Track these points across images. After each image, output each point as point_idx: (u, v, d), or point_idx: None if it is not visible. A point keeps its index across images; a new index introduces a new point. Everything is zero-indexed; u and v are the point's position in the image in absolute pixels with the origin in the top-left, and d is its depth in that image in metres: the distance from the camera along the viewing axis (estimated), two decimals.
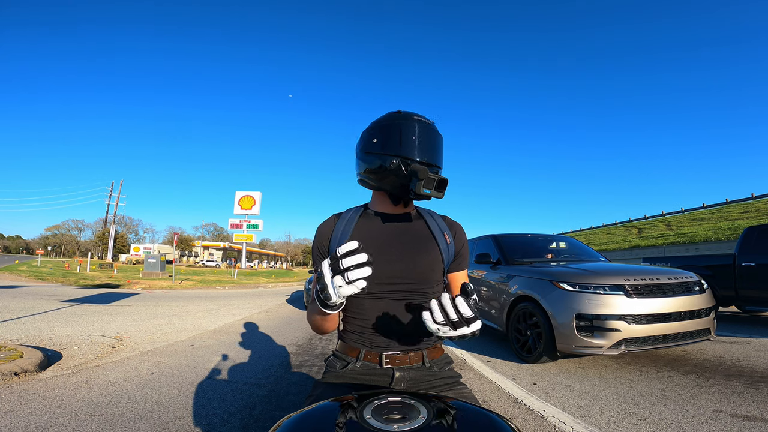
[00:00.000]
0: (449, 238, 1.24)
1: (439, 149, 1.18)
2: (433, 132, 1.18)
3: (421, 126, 1.17)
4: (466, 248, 1.28)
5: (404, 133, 1.15)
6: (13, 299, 9.41)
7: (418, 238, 1.20)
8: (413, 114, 1.19)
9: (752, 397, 2.87)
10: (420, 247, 1.18)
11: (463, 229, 1.29)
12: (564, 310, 3.74)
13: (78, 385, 3.23)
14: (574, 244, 5.96)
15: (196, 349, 4.78)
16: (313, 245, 1.26)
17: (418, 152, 1.14)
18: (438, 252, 1.20)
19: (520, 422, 2.57)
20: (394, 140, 1.14)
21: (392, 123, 1.17)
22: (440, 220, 1.28)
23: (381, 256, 1.15)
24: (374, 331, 1.14)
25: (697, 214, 30.05)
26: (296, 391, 3.22)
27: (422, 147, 1.15)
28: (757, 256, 6.17)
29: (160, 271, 22.20)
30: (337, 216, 1.27)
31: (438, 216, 1.30)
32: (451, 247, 1.23)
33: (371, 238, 1.17)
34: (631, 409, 2.74)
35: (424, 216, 1.27)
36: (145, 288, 15.93)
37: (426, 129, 1.17)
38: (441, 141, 1.19)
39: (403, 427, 0.69)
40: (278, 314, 8.75)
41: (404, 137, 1.14)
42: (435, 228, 1.24)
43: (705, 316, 3.87)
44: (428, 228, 1.24)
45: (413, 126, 1.16)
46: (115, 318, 7.19)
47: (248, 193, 37.25)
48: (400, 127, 1.15)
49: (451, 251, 1.23)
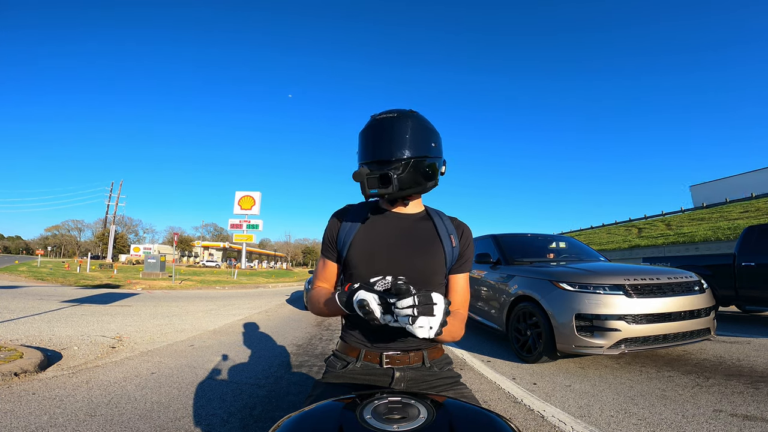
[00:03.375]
0: (455, 240, 1.22)
1: (397, 138, 1.10)
2: (387, 125, 1.12)
3: (375, 125, 1.14)
4: (470, 251, 1.26)
5: (362, 139, 1.16)
6: (13, 299, 9.40)
7: (423, 239, 1.20)
8: (378, 114, 1.16)
9: (752, 397, 2.86)
10: (424, 249, 1.18)
11: (470, 231, 1.28)
12: (564, 309, 3.74)
13: (78, 385, 3.22)
14: (573, 243, 5.96)
15: (195, 350, 4.78)
16: (325, 231, 1.27)
17: (366, 155, 1.14)
18: (442, 254, 1.19)
19: (520, 422, 2.56)
20: (359, 150, 1.17)
21: (360, 133, 1.18)
22: (448, 222, 1.26)
23: (384, 256, 1.15)
24: (374, 331, 1.14)
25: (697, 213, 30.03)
26: (296, 391, 3.21)
27: (372, 146, 1.13)
28: (756, 255, 6.17)
29: (160, 271, 22.18)
30: (350, 207, 1.29)
31: (447, 217, 1.29)
32: (455, 250, 1.21)
33: (377, 236, 1.19)
34: (631, 408, 2.74)
35: (433, 217, 1.26)
36: (145, 288, 15.92)
37: (379, 125, 1.13)
38: (403, 128, 1.11)
39: (403, 427, 0.69)
40: (278, 314, 8.75)
41: (362, 144, 1.16)
42: (442, 229, 1.23)
43: (705, 315, 3.87)
44: (435, 229, 1.23)
45: (369, 129, 1.15)
46: (114, 318, 7.18)
47: (248, 193, 37.22)
48: (362, 135, 1.17)
49: (455, 254, 1.21)
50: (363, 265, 1.16)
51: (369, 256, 1.16)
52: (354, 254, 1.18)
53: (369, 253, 1.16)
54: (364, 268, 1.15)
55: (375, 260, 1.15)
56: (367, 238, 1.18)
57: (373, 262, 1.15)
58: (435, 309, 0.85)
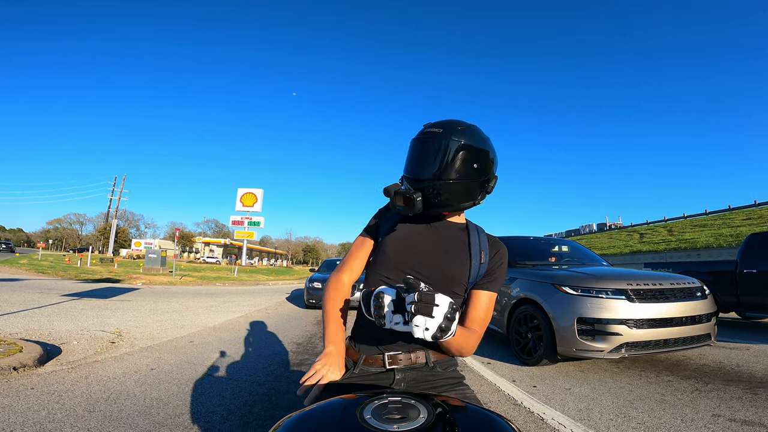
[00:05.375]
0: (485, 257, 1.20)
1: (431, 158, 1.12)
2: (426, 141, 1.15)
3: (417, 139, 1.19)
4: (501, 271, 1.21)
5: (408, 149, 1.21)
6: (13, 293, 9.42)
7: (456, 248, 1.20)
8: (428, 125, 1.20)
9: (750, 403, 2.86)
10: (450, 254, 1.18)
11: (506, 252, 1.24)
12: (566, 313, 3.74)
13: (77, 380, 3.23)
14: (576, 247, 5.95)
15: (195, 346, 4.79)
16: (372, 217, 1.33)
17: (405, 167, 1.19)
18: (468, 267, 1.17)
19: (520, 424, 2.56)
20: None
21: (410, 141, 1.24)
22: (484, 238, 1.24)
23: (412, 249, 1.19)
24: (379, 332, 1.14)
25: (700, 220, 29.98)
26: (296, 389, 3.21)
27: (410, 161, 1.19)
28: (759, 263, 6.16)
29: (161, 266, 22.21)
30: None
31: (484, 234, 1.27)
32: (483, 267, 1.19)
33: (411, 230, 1.22)
34: (631, 412, 2.73)
35: (470, 230, 1.25)
36: (146, 283, 15.94)
37: (419, 140, 1.18)
38: (441, 147, 1.11)
39: (403, 427, 0.69)
40: (278, 312, 8.76)
41: (407, 154, 1.21)
42: (474, 243, 1.21)
43: (706, 321, 3.87)
44: (468, 240, 1.21)
45: (413, 142, 1.21)
46: (114, 313, 7.19)
47: (250, 190, 37.30)
48: (410, 145, 1.22)
49: (482, 270, 1.19)
50: (392, 250, 1.20)
51: (399, 245, 1.20)
52: (389, 238, 1.22)
53: (399, 243, 1.20)
54: (391, 253, 1.19)
55: (402, 251, 1.19)
56: (402, 231, 1.22)
57: (402, 251, 1.19)
58: (435, 310, 0.82)
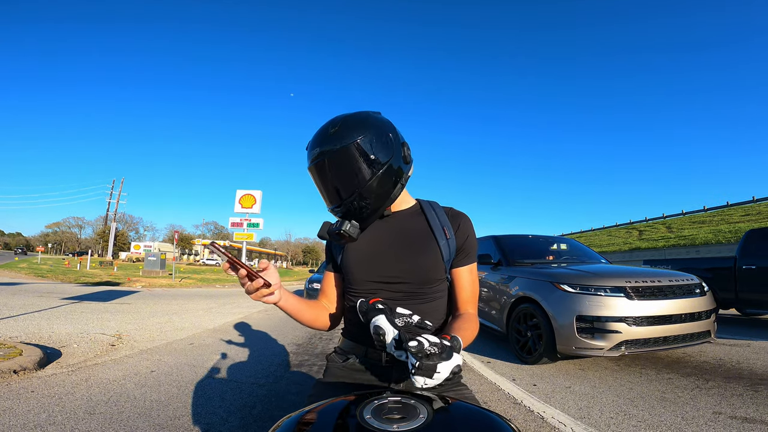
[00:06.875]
0: (449, 232, 1.15)
1: (327, 182, 1.09)
2: (316, 171, 1.09)
3: (310, 172, 1.12)
4: (470, 241, 1.16)
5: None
6: (13, 296, 9.41)
7: (417, 236, 1.15)
8: (308, 152, 1.12)
9: (751, 400, 2.87)
10: (418, 247, 1.13)
11: (468, 221, 1.19)
12: (565, 311, 3.74)
13: (77, 383, 3.22)
14: (575, 245, 5.96)
15: (195, 348, 4.78)
16: (325, 247, 1.29)
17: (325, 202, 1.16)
18: (437, 250, 1.12)
19: (520, 423, 2.56)
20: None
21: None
22: (442, 214, 1.19)
23: (380, 256, 1.14)
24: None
25: (698, 216, 30.00)
26: (296, 390, 3.21)
27: (321, 195, 1.14)
28: (757, 259, 6.18)
29: (160, 269, 22.24)
30: None
31: (440, 208, 1.21)
32: (451, 242, 1.14)
33: (372, 236, 1.16)
34: (631, 410, 2.73)
35: (425, 211, 1.19)
36: (145, 286, 15.93)
37: (312, 173, 1.11)
38: (324, 170, 1.07)
39: (403, 427, 0.69)
40: (278, 313, 8.75)
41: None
42: (435, 223, 1.16)
43: (705, 318, 3.87)
44: (428, 224, 1.16)
45: (310, 174, 1.13)
46: (114, 316, 7.19)
47: (249, 191, 37.18)
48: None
49: (452, 247, 1.14)
50: (356, 269, 1.15)
51: (362, 259, 1.15)
52: (347, 258, 1.17)
53: (362, 257, 1.15)
54: (357, 272, 1.15)
55: (368, 263, 1.14)
56: (356, 245, 1.15)
57: (367, 265, 1.14)
58: (435, 376, 0.81)
